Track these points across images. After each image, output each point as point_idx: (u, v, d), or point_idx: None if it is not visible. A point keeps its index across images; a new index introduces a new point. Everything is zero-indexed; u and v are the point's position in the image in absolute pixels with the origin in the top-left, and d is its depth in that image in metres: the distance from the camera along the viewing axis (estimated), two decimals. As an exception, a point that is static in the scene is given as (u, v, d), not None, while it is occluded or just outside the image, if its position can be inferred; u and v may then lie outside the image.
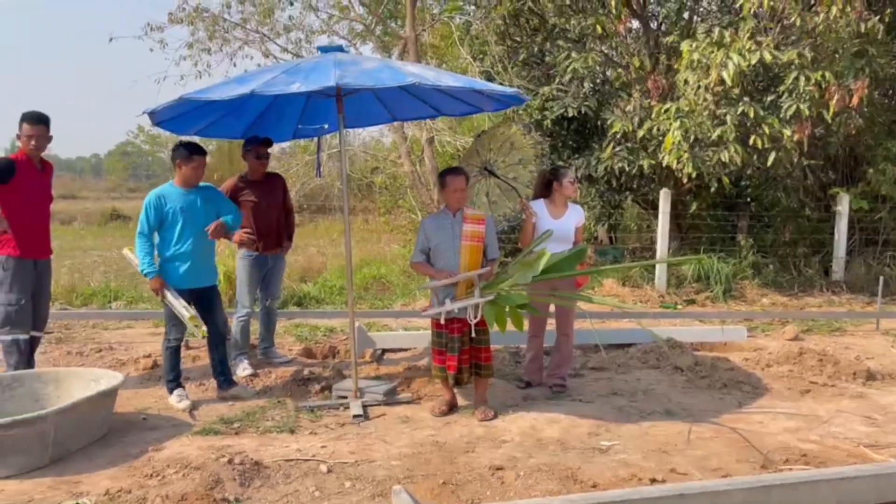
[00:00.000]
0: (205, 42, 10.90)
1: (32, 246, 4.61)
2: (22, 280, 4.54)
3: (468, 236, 4.39)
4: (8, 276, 4.51)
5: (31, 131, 4.50)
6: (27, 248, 4.56)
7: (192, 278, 4.63)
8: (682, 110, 8.43)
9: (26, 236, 4.55)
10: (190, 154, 4.59)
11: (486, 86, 4.41)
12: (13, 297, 4.51)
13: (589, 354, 6.16)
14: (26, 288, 4.56)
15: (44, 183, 4.70)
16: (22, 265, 4.54)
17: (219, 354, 4.84)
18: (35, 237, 4.63)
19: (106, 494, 3.22)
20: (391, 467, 3.64)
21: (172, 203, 4.55)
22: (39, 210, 4.68)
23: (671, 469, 3.68)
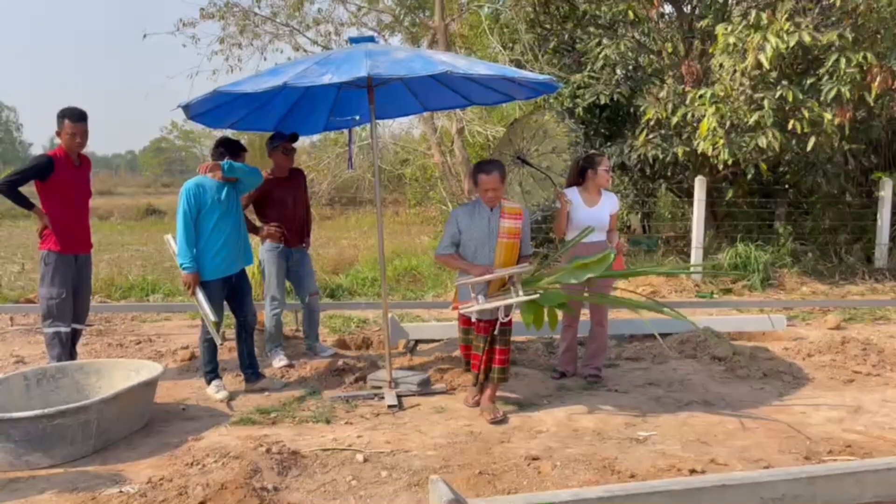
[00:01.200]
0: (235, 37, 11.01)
1: (73, 241, 4.71)
2: (63, 274, 4.65)
3: (506, 233, 4.19)
4: (49, 271, 4.64)
5: (74, 129, 4.59)
6: (67, 243, 4.68)
7: (227, 266, 4.65)
8: (717, 95, 8.26)
9: (66, 231, 4.67)
10: (237, 152, 4.70)
11: (518, 73, 4.36)
12: (54, 291, 4.63)
13: (624, 345, 6.10)
14: (67, 282, 4.67)
15: (82, 178, 4.80)
16: (63, 260, 4.66)
17: (247, 347, 4.85)
18: (75, 232, 4.74)
19: (148, 483, 3.27)
20: (427, 457, 3.65)
21: (211, 193, 4.53)
22: (78, 205, 4.80)
23: (711, 460, 3.62)
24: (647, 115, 9.07)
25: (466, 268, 4.16)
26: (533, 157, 5.05)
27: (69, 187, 4.67)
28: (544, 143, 4.92)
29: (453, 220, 4.23)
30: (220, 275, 4.61)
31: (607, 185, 5.01)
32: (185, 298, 7.94)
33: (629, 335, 6.32)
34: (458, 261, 4.22)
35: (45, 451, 3.46)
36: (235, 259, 4.70)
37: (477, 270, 4.10)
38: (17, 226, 18.78)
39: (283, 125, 5.43)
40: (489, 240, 4.16)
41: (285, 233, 5.32)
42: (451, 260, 4.26)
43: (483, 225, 4.16)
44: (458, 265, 4.24)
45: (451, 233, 4.21)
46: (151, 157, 57.05)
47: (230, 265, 4.67)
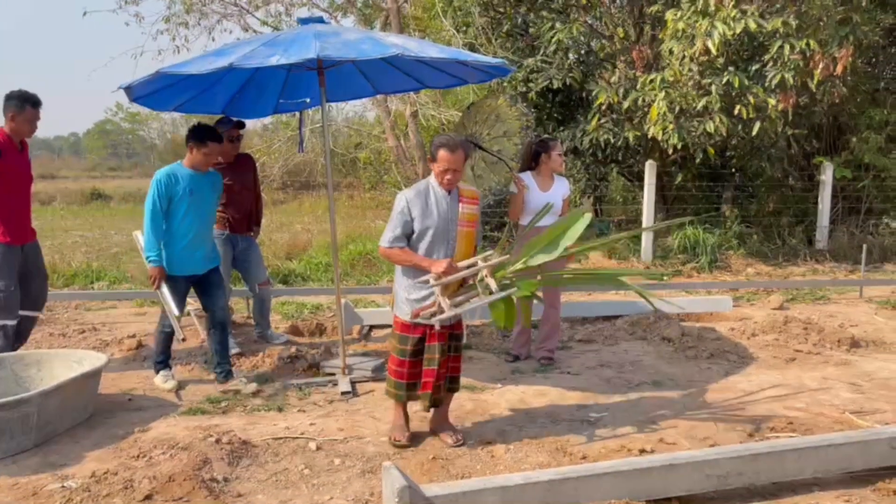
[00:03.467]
0: (182, 16, 10.66)
1: (19, 230, 4.46)
2: (10, 266, 4.39)
3: (465, 220, 3.55)
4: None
5: (34, 114, 4.35)
6: (14, 233, 4.41)
7: (194, 264, 4.48)
8: (666, 81, 8.38)
9: (13, 221, 4.41)
10: (203, 140, 4.38)
11: (470, 56, 4.32)
12: (2, 284, 4.36)
13: (576, 327, 6.17)
14: (13, 274, 4.42)
15: (25, 163, 4.55)
16: (10, 251, 4.40)
17: (218, 343, 4.66)
18: (21, 221, 4.50)
19: (92, 476, 3.18)
20: (380, 443, 3.63)
21: (182, 184, 4.34)
22: (23, 192, 4.54)
23: (660, 439, 3.70)
24: (598, 99, 9.15)
25: (425, 265, 3.42)
26: (485, 141, 5.05)
27: (13, 173, 4.40)
28: (496, 127, 4.92)
29: (403, 205, 3.47)
30: (186, 272, 4.44)
31: (560, 169, 5.06)
32: (133, 286, 7.75)
33: (582, 317, 6.41)
34: (414, 256, 3.47)
35: (-18, 447, 3.33)
36: (205, 258, 4.55)
37: (440, 267, 3.36)
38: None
39: (230, 108, 5.29)
40: (448, 229, 3.51)
41: (231, 219, 5.20)
42: (404, 255, 3.48)
43: (441, 211, 3.50)
44: (412, 261, 3.47)
45: (403, 221, 3.47)
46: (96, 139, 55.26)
47: (198, 264, 4.50)
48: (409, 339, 3.54)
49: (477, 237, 3.69)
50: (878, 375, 4.82)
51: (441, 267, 3.36)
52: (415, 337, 3.53)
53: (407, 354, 3.55)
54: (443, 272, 3.35)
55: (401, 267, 3.58)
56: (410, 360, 3.55)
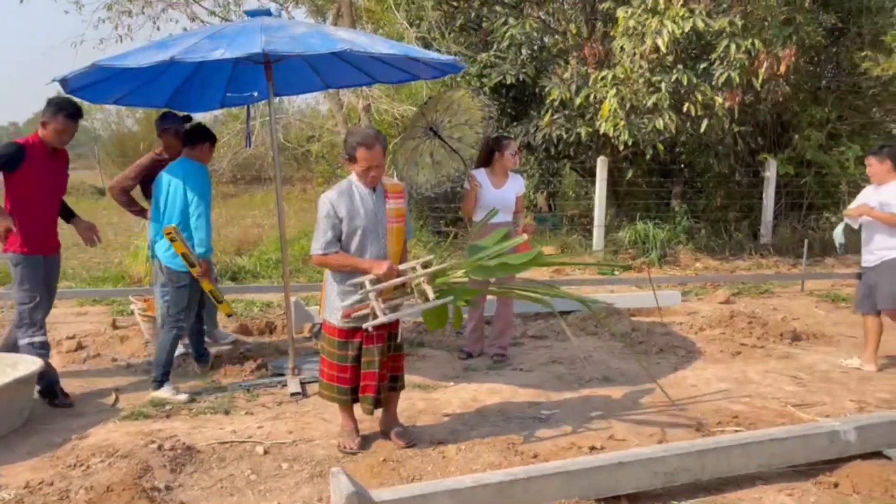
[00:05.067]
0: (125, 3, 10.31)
1: (42, 240, 4.16)
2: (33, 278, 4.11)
3: (393, 216, 3.46)
4: (18, 273, 4.10)
5: (66, 125, 4.09)
6: (36, 244, 4.12)
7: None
8: (618, 78, 8.48)
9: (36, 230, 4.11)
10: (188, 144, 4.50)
11: (421, 53, 4.28)
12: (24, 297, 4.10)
13: (528, 323, 6.20)
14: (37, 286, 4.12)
15: (55, 171, 4.24)
16: (32, 262, 4.10)
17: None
18: (45, 231, 4.20)
19: (26, 487, 3.05)
20: (330, 446, 3.57)
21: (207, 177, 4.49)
22: (51, 201, 4.24)
23: (610, 436, 3.73)
24: (551, 95, 9.20)
25: (365, 267, 3.32)
26: (446, 128, 4.98)
27: (40, 181, 4.09)
28: (457, 115, 4.88)
29: (328, 207, 3.34)
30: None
31: (513, 167, 5.07)
32: (74, 283, 7.50)
33: (535, 313, 6.44)
34: (351, 259, 3.36)
35: None
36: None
37: (381, 269, 3.28)
38: None
39: (174, 101, 5.12)
40: (377, 227, 3.41)
41: None
42: (342, 259, 3.36)
43: (369, 208, 3.39)
44: (350, 265, 3.35)
45: (332, 224, 3.34)
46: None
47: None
48: (350, 345, 3.46)
49: (407, 233, 3.61)
50: (818, 368, 4.96)
51: (383, 268, 3.28)
52: (356, 342, 3.45)
53: (348, 360, 3.47)
54: (384, 274, 3.28)
55: (330, 273, 3.49)
56: (352, 366, 3.48)
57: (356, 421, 3.67)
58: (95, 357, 5.04)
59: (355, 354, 3.47)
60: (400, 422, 3.76)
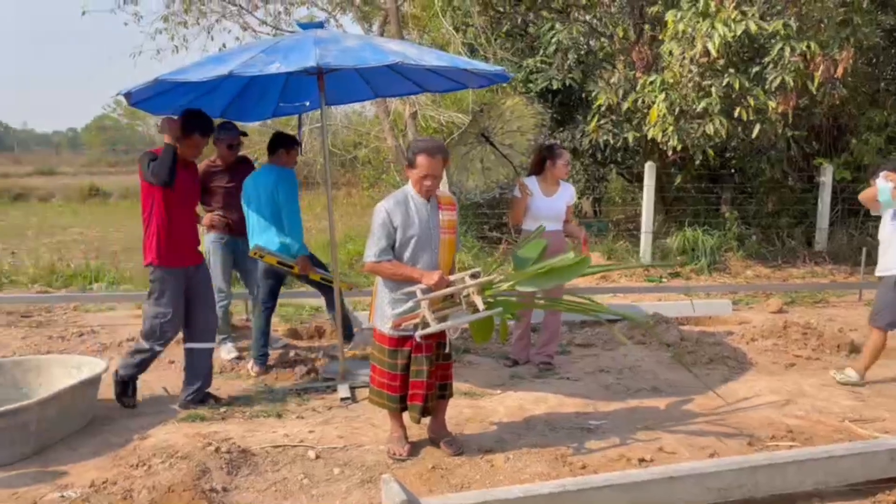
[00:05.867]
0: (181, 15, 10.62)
1: (179, 252, 4.18)
2: (170, 292, 4.13)
3: (446, 227, 3.48)
4: (157, 287, 4.15)
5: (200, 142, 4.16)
6: (173, 256, 4.13)
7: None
8: (666, 82, 8.36)
9: (172, 242, 4.12)
10: (293, 146, 4.90)
11: (470, 64, 4.31)
12: (157, 311, 4.15)
13: (575, 331, 6.17)
14: (172, 301, 4.15)
15: (189, 183, 4.28)
16: (168, 275, 4.13)
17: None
18: (183, 242, 4.21)
19: (91, 486, 3.17)
20: (379, 452, 3.63)
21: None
22: (187, 212, 4.30)
23: (659, 448, 3.70)
24: (598, 100, 9.14)
25: (416, 276, 3.35)
26: (497, 134, 5.02)
27: (176, 193, 4.11)
28: (510, 122, 4.91)
29: (383, 216, 3.39)
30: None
31: (565, 177, 5.07)
32: (132, 286, 7.72)
33: (581, 321, 6.41)
34: (403, 268, 3.40)
35: (-20, 456, 3.32)
36: None
37: (432, 279, 3.31)
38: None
39: (229, 111, 5.27)
40: (431, 238, 3.44)
41: (231, 222, 5.19)
42: (394, 268, 3.39)
43: (423, 219, 3.43)
44: (402, 273, 3.39)
45: (386, 232, 3.39)
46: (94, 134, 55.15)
47: None
48: (400, 353, 3.50)
49: (457, 244, 3.64)
50: (876, 382, 4.82)
51: (434, 278, 3.31)
52: (405, 350, 3.49)
53: (398, 368, 3.51)
54: (435, 284, 3.31)
55: (382, 281, 3.53)
56: (402, 374, 3.52)
57: (405, 428, 3.71)
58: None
59: (405, 363, 3.52)
60: (448, 429, 3.79)
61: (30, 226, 14.33)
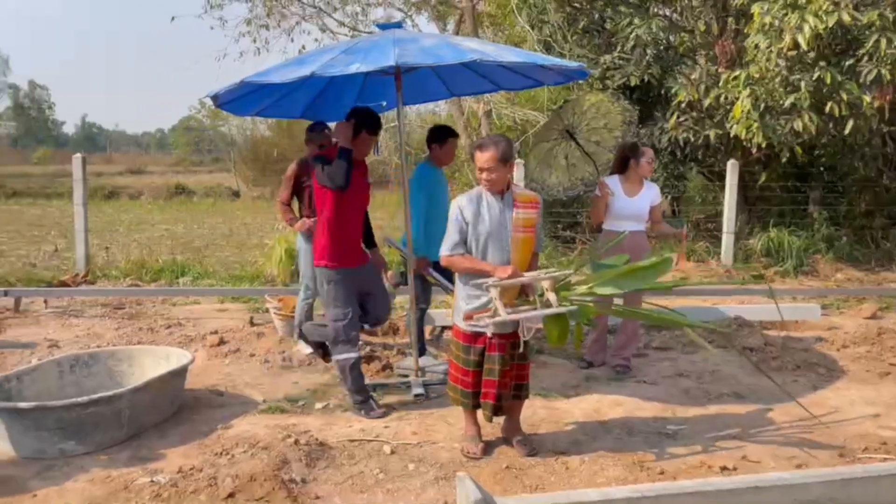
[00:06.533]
0: (263, 18, 10.96)
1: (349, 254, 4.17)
2: (344, 294, 4.12)
3: (521, 225, 3.47)
4: (331, 290, 4.13)
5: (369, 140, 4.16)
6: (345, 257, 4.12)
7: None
8: (752, 77, 8.06)
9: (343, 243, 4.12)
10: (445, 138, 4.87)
11: (549, 60, 4.26)
12: (336, 313, 4.14)
13: (652, 333, 6.02)
14: (349, 301, 4.14)
15: (361, 184, 4.23)
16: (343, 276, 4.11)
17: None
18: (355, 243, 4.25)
19: (179, 472, 3.31)
20: (453, 449, 3.64)
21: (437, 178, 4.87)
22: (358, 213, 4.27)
23: (743, 456, 3.57)
24: (678, 96, 8.89)
25: (488, 269, 3.38)
26: (583, 131, 4.94)
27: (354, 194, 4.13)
28: (596, 118, 4.82)
29: (456, 211, 3.48)
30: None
31: (649, 175, 4.96)
32: (215, 281, 8.02)
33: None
34: (475, 262, 3.44)
35: (78, 440, 3.52)
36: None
37: (503, 272, 3.33)
38: (51, 205, 19.14)
39: (308, 111, 5.39)
40: (501, 234, 3.46)
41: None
42: (466, 262, 3.46)
43: (494, 216, 3.46)
44: (474, 267, 3.43)
45: (458, 227, 3.46)
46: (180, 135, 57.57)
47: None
48: (473, 350, 3.52)
49: (537, 244, 3.61)
50: (983, 395, 4.51)
51: (506, 272, 3.32)
52: (478, 347, 3.50)
53: (471, 364, 3.53)
54: (506, 278, 3.31)
55: (459, 275, 3.57)
56: (474, 370, 3.53)
57: (479, 426, 3.71)
58: (236, 352, 5.39)
59: (477, 360, 3.52)
60: (522, 430, 3.77)
61: (121, 222, 15.09)
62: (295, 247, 8.00)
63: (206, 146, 46.75)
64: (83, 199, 8.20)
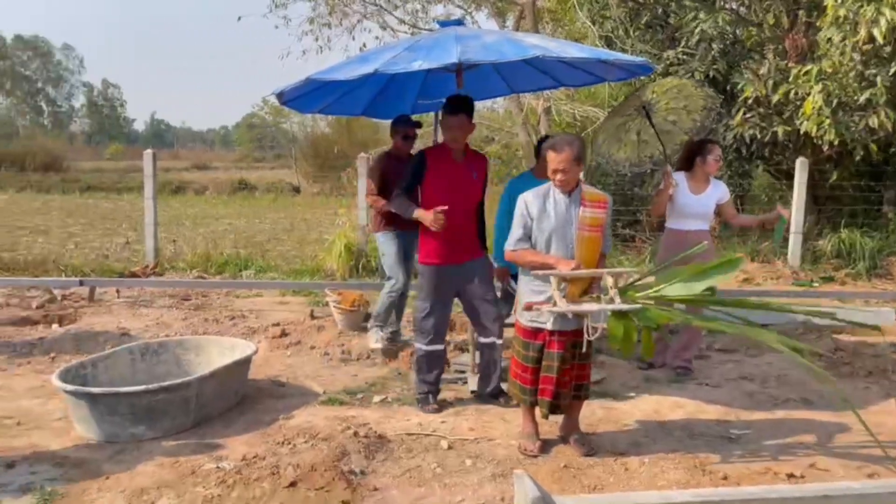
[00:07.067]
0: (325, 17, 11.13)
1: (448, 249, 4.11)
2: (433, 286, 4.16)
3: (587, 224, 3.43)
4: (421, 282, 4.23)
5: (448, 122, 4.07)
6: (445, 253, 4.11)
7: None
8: (824, 72, 7.77)
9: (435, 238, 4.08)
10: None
11: (613, 55, 4.19)
12: (419, 305, 4.22)
13: (715, 335, 5.87)
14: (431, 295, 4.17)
15: (461, 175, 4.12)
16: (436, 271, 4.14)
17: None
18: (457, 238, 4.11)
19: (243, 459, 3.41)
20: (510, 447, 3.64)
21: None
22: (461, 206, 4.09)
23: (811, 464, 3.45)
24: (745, 92, 8.63)
25: (552, 262, 3.37)
26: (661, 109, 4.82)
27: (445, 185, 4.07)
28: (677, 99, 4.71)
29: (522, 206, 3.49)
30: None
31: (716, 173, 4.83)
32: (276, 275, 8.21)
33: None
34: (539, 255, 3.44)
35: (148, 424, 3.66)
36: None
37: (567, 265, 3.32)
38: (122, 199, 19.92)
39: (370, 109, 5.46)
40: (566, 231, 3.44)
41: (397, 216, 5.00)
42: (530, 256, 3.46)
43: (560, 212, 3.44)
44: (537, 260, 3.42)
45: (523, 222, 3.48)
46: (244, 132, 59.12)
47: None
48: (532, 346, 3.52)
49: (604, 244, 3.56)
50: None
51: (569, 266, 3.32)
52: (537, 343, 3.50)
53: (530, 360, 3.53)
54: (569, 269, 3.31)
55: (522, 270, 3.58)
56: (533, 367, 3.53)
57: (537, 424, 3.70)
58: (297, 344, 5.51)
59: (536, 356, 3.51)
60: (581, 429, 3.74)
61: (187, 216, 15.58)
62: (354, 242, 8.15)
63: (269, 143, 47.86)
64: (153, 193, 8.51)
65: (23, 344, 5.38)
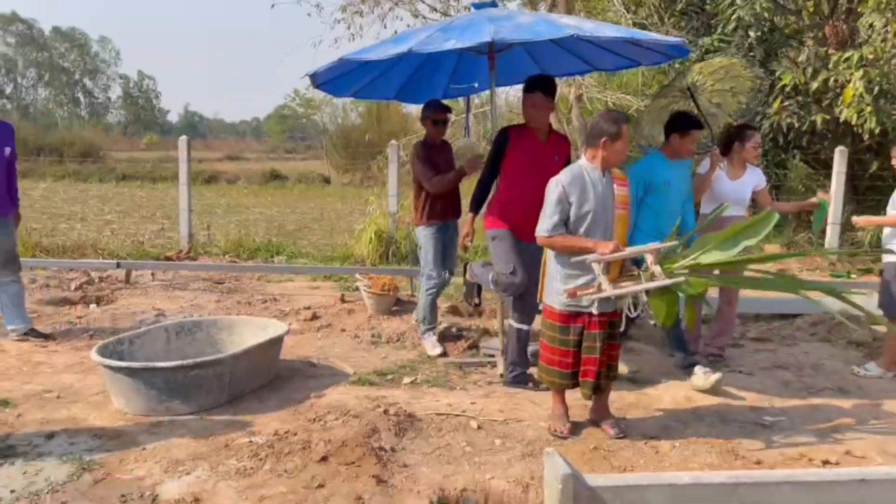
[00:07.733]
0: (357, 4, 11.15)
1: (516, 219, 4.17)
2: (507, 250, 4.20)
3: (620, 203, 3.45)
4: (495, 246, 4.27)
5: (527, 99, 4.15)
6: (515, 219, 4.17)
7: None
8: (865, 58, 7.58)
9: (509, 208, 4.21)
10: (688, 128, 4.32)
11: (648, 36, 4.14)
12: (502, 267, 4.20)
13: (748, 324, 5.80)
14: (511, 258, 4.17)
15: (544, 154, 4.18)
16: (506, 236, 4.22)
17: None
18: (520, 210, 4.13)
19: (275, 435, 3.45)
20: (539, 428, 3.63)
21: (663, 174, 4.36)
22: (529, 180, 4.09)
23: (846, 451, 3.40)
24: (783, 80, 8.47)
25: (590, 246, 3.32)
26: (706, 91, 4.77)
27: (527, 164, 4.14)
28: (723, 80, 4.66)
29: (558, 189, 3.40)
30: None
31: (754, 161, 4.77)
32: (307, 261, 8.28)
33: (755, 314, 6.00)
34: (576, 240, 3.38)
35: (183, 399, 3.73)
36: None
37: (605, 247, 3.26)
38: (156, 188, 20.25)
39: (402, 93, 5.47)
40: (605, 213, 3.40)
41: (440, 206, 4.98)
42: (568, 241, 3.39)
43: (598, 194, 3.39)
44: (577, 245, 3.35)
45: (562, 208, 3.40)
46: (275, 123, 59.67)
47: None
48: (572, 329, 3.47)
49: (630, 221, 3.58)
50: None
51: (609, 248, 3.27)
52: (577, 326, 3.46)
53: (570, 344, 3.48)
54: (609, 253, 3.26)
55: (556, 256, 3.50)
56: (574, 350, 3.49)
57: (567, 406, 3.68)
58: (327, 327, 5.56)
59: (577, 339, 3.48)
60: (610, 412, 3.72)
61: (219, 205, 15.78)
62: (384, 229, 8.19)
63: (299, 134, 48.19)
64: (187, 178, 8.64)
65: (62, 323, 5.52)
